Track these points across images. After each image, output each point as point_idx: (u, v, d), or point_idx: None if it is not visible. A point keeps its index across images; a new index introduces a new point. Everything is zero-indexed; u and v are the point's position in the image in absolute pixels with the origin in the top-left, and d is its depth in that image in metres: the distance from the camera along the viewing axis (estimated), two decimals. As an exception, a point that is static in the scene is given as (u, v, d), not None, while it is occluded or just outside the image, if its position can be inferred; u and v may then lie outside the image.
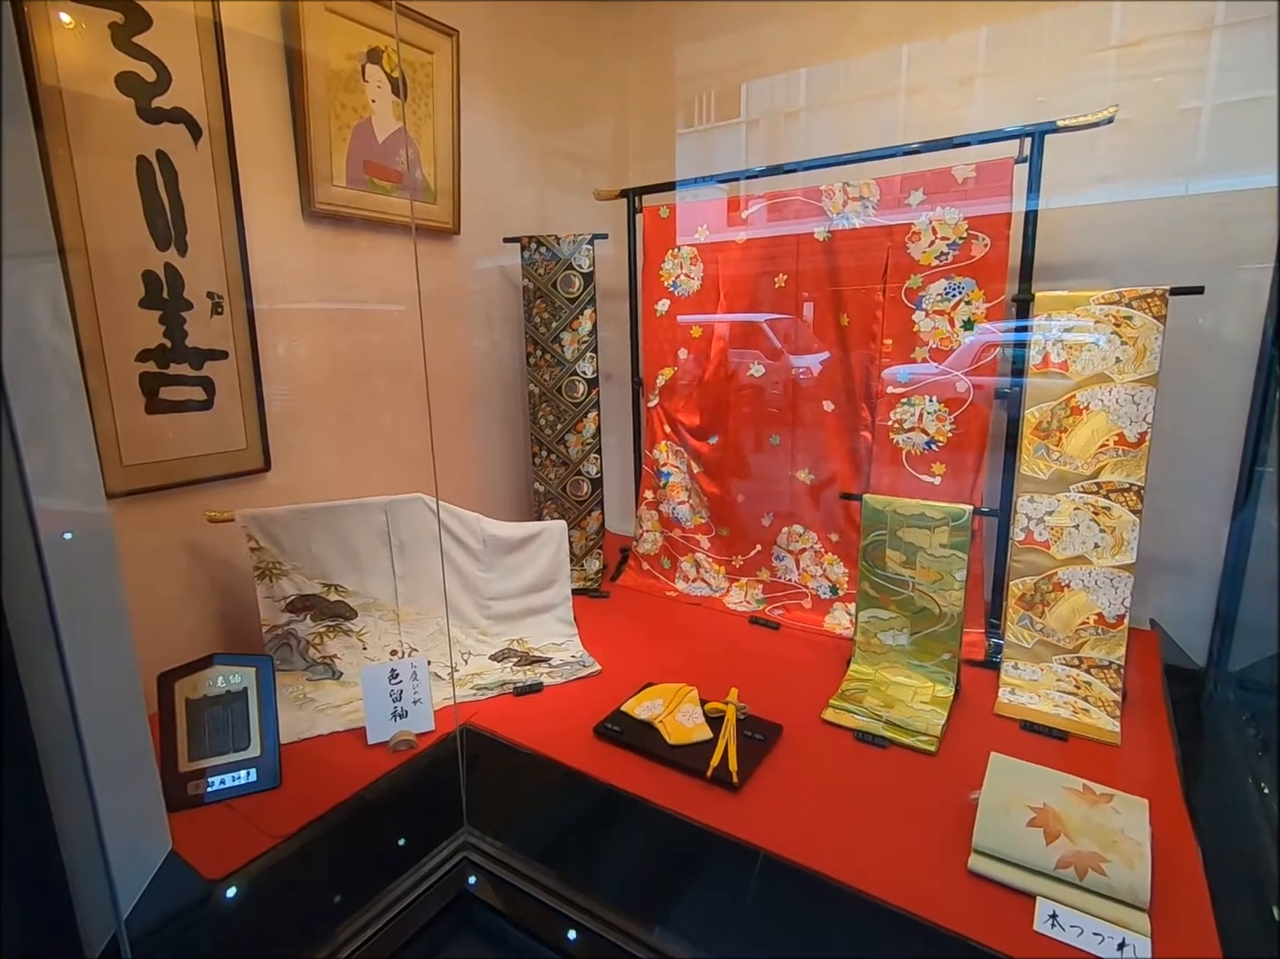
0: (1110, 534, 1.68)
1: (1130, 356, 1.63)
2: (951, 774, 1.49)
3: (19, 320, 1.01)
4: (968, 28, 2.16)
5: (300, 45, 1.86)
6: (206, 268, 1.74)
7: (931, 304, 1.97)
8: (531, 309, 2.53)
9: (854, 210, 2.06)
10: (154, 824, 1.29)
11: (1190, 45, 1.87)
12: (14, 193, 1.03)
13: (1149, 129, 1.93)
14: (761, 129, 2.63)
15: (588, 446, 2.55)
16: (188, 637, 1.81)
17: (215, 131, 1.72)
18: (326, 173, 1.99)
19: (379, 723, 1.62)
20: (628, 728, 1.63)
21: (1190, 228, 1.92)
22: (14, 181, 1.03)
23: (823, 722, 1.69)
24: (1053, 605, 1.77)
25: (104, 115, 1.54)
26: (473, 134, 2.43)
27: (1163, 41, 1.90)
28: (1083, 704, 1.68)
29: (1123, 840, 1.18)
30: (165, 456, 1.72)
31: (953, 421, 1.99)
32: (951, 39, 2.20)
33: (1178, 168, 1.94)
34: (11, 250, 1.03)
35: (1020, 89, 2.10)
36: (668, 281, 2.46)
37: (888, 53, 2.31)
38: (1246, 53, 1.82)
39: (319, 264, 2.05)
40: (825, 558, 2.29)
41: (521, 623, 2.13)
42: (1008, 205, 1.83)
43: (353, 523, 1.93)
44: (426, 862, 1.44)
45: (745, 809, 1.40)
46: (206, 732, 1.47)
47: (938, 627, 1.79)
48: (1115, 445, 1.66)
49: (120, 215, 1.58)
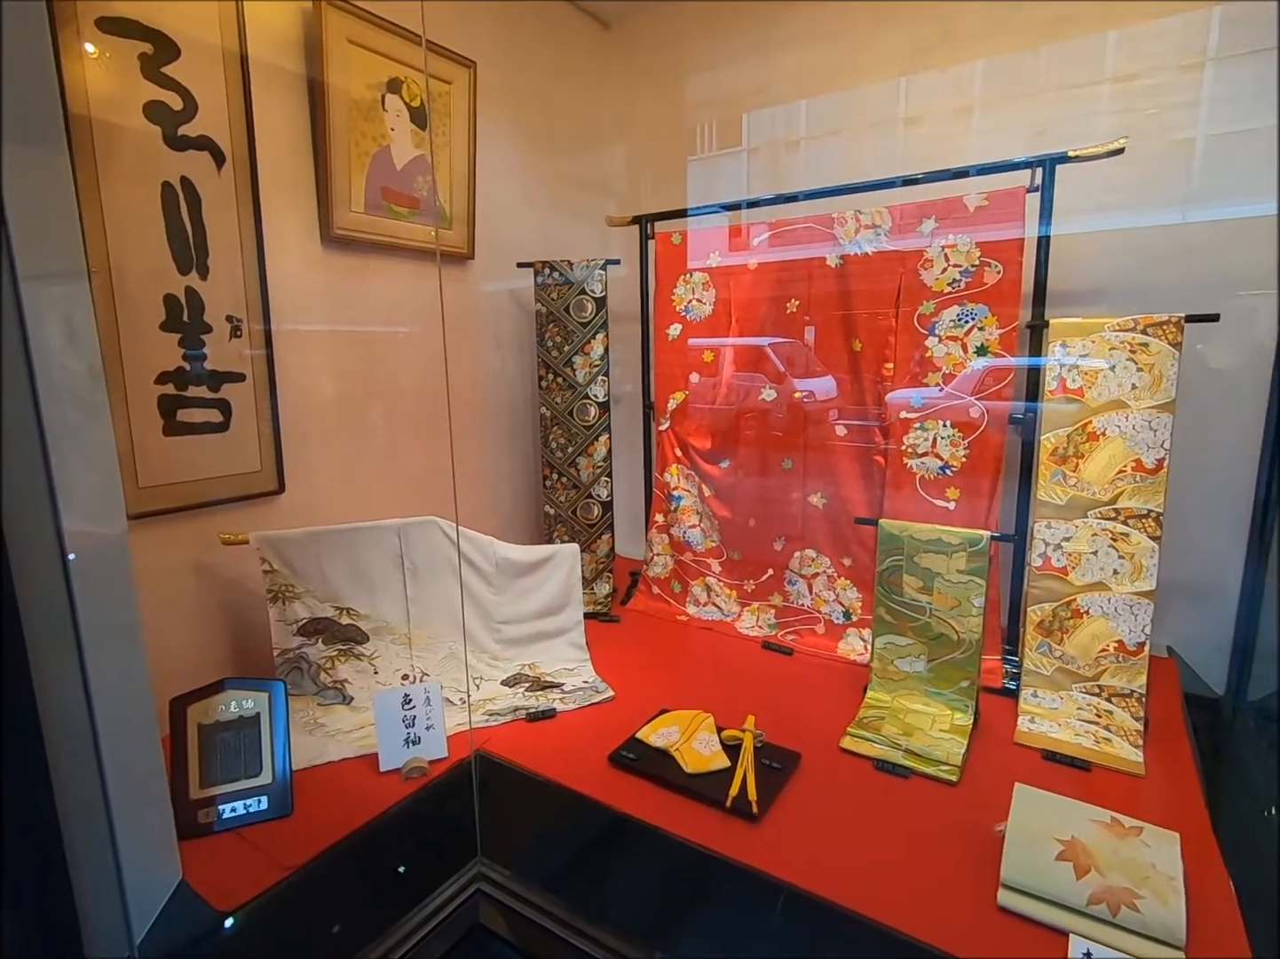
0: (1129, 560, 1.67)
1: (1146, 383, 1.63)
2: (974, 805, 1.46)
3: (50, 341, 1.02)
4: (966, 60, 2.21)
5: (323, 75, 1.90)
6: (226, 291, 1.76)
7: (944, 330, 1.98)
8: (544, 333, 2.55)
9: (866, 238, 2.09)
10: (165, 852, 1.27)
11: (1184, 79, 1.91)
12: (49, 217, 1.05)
13: (1146, 159, 1.96)
14: (763, 157, 2.68)
15: (599, 469, 2.55)
16: (199, 659, 1.80)
17: (238, 158, 1.75)
18: (345, 198, 2.02)
19: (391, 749, 1.60)
20: (644, 756, 1.61)
21: (1186, 255, 1.95)
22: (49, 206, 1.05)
23: (841, 750, 1.66)
24: (1072, 632, 1.75)
25: (131, 143, 1.56)
26: (487, 161, 2.47)
27: (1157, 75, 1.94)
28: (1104, 733, 1.66)
29: (1155, 876, 1.16)
30: (181, 478, 1.72)
31: (967, 446, 1.99)
32: (951, 71, 2.25)
33: (1174, 197, 1.97)
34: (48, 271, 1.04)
35: (1020, 120, 2.14)
36: (679, 306, 2.48)
37: (888, 84, 2.36)
38: (1238, 85, 1.86)
39: (336, 287, 2.07)
40: (838, 582, 2.27)
41: (533, 647, 2.12)
42: (1020, 233, 1.85)
43: (366, 546, 1.92)
44: (439, 894, 1.40)
45: (766, 840, 1.37)
46: (218, 758, 1.44)
47: (956, 653, 1.77)
48: (1133, 471, 1.66)
49: (144, 239, 1.60)
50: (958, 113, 2.25)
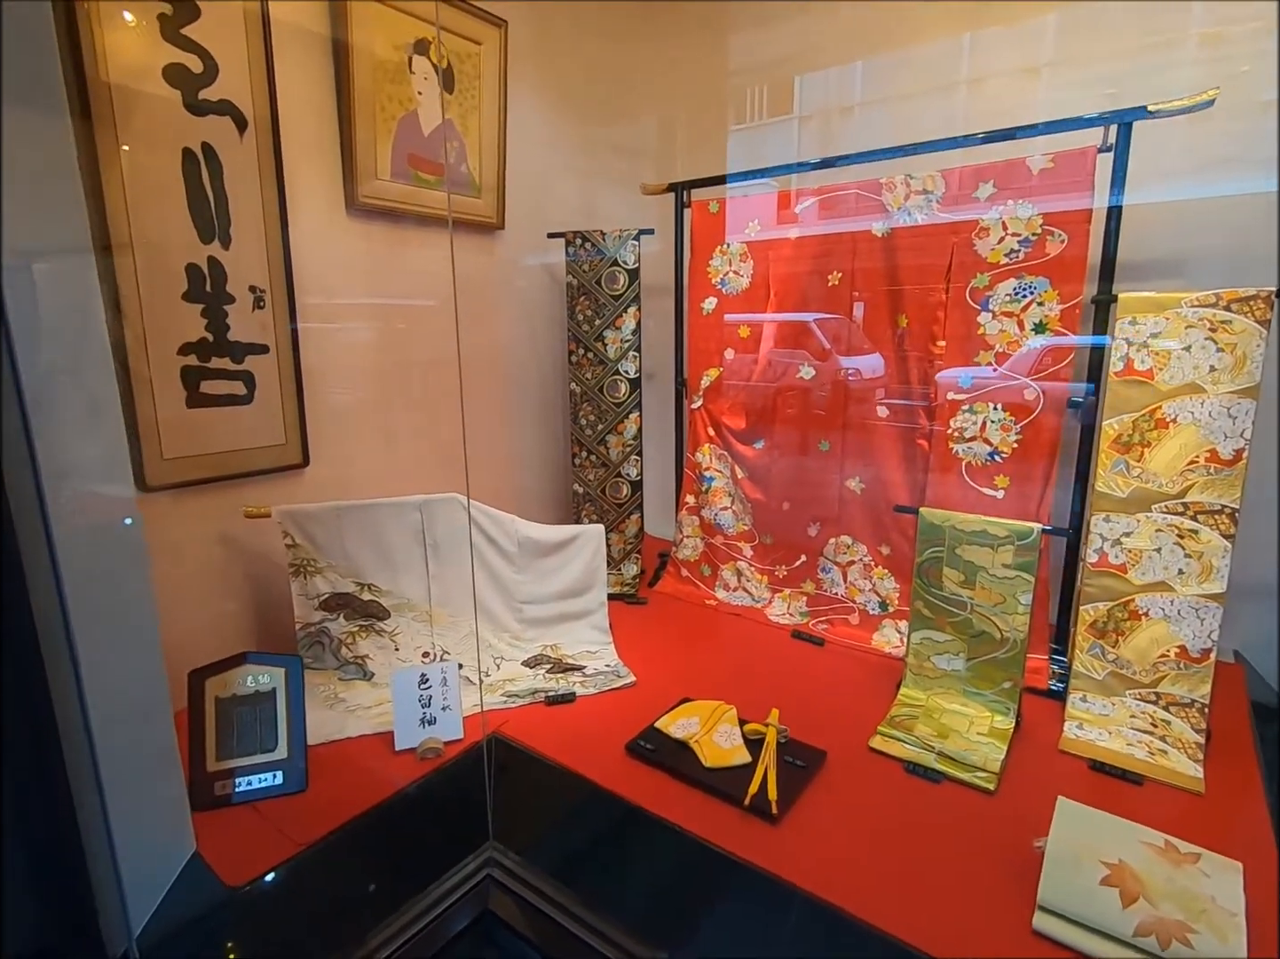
0: (1197, 560, 1.53)
1: (1227, 365, 1.47)
2: (1012, 816, 1.37)
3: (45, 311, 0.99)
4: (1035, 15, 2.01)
5: (347, 36, 1.84)
6: (249, 261, 1.73)
7: (999, 305, 1.83)
8: (575, 306, 2.47)
9: (916, 205, 1.94)
10: (178, 825, 1.27)
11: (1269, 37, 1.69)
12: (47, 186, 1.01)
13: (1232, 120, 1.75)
14: (815, 125, 2.52)
15: (629, 448, 2.49)
16: (223, 631, 1.81)
17: (261, 124, 1.71)
18: (371, 166, 1.96)
19: (407, 729, 1.58)
20: (662, 746, 1.56)
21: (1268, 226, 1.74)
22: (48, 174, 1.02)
23: (870, 750, 1.58)
24: (1128, 635, 1.62)
25: (151, 108, 1.53)
26: (518, 127, 2.38)
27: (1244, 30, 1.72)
28: (1160, 744, 1.54)
29: (1213, 909, 1.06)
30: (205, 450, 1.72)
31: (1019, 431, 1.85)
32: (1017, 26, 2.05)
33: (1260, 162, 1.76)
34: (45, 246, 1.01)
35: (1095, 80, 1.94)
36: (715, 279, 2.38)
37: (949, 43, 2.17)
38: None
39: (361, 258, 2.03)
40: (875, 571, 2.17)
41: (555, 628, 2.08)
42: (1089, 199, 1.68)
43: (388, 521, 1.90)
44: (450, 877, 1.39)
45: (784, 843, 1.31)
46: (235, 731, 1.45)
47: (998, 653, 1.66)
48: (1206, 463, 1.51)
49: (165, 208, 1.58)
50: (1026, 73, 2.06)
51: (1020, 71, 2.08)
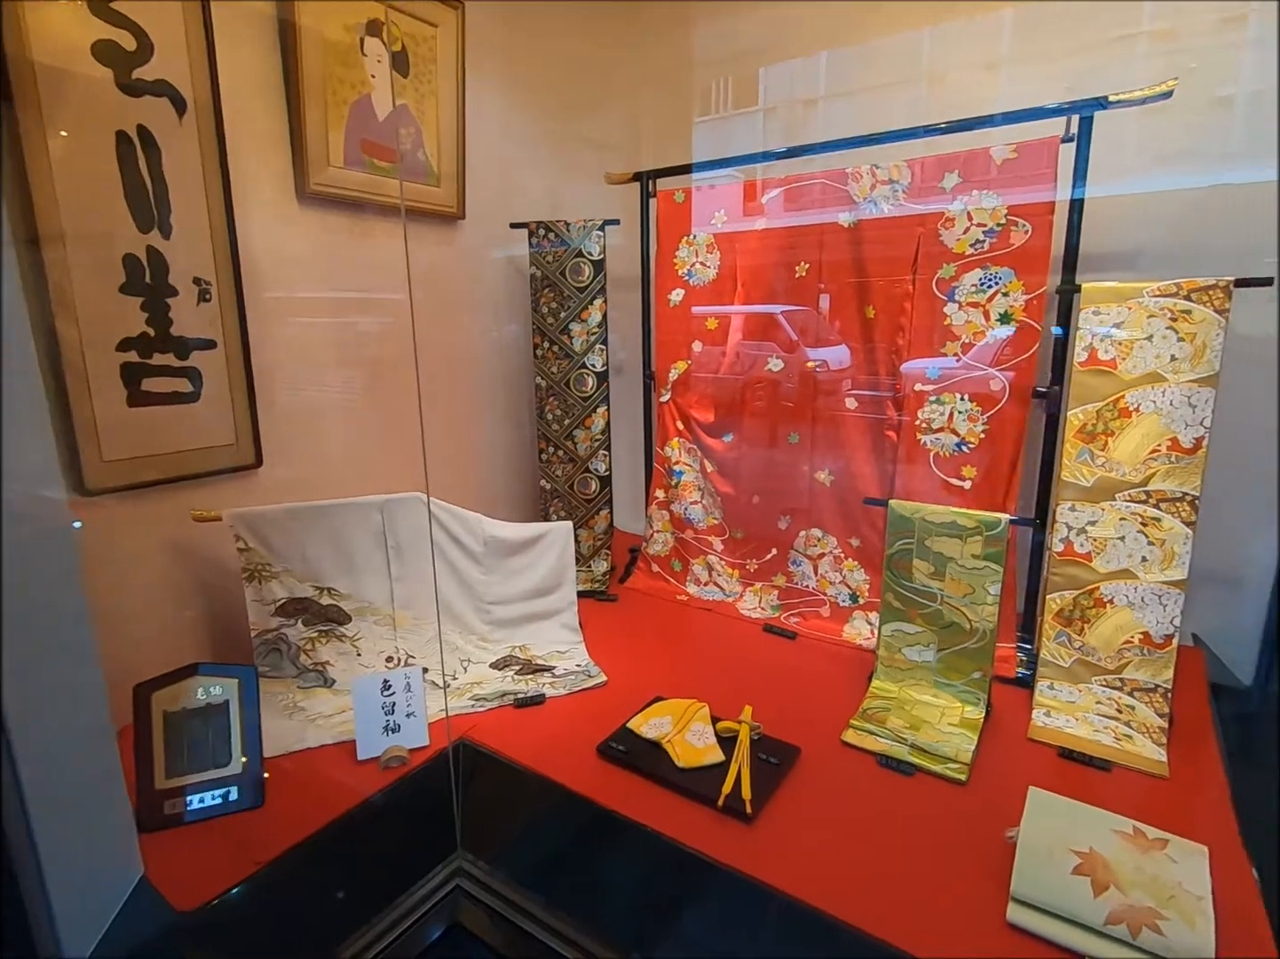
0: (1159, 547, 1.55)
1: (1187, 354, 1.49)
2: (984, 807, 1.37)
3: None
4: (993, 9, 2.02)
5: (294, 16, 1.75)
6: (193, 252, 1.64)
7: (965, 296, 1.83)
8: (539, 298, 2.42)
9: (882, 195, 1.93)
10: (123, 849, 1.20)
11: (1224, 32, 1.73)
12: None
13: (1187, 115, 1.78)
14: (780, 117, 2.50)
15: (597, 443, 2.44)
16: (175, 642, 1.73)
17: (202, 106, 1.61)
18: (323, 152, 1.88)
19: (370, 738, 1.53)
20: (634, 748, 1.53)
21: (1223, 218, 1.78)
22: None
23: (843, 744, 1.57)
24: (1093, 622, 1.64)
25: (81, 88, 1.43)
26: (479, 114, 2.31)
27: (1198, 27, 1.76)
28: (1125, 730, 1.56)
29: (1181, 895, 1.07)
30: (150, 451, 1.63)
31: (985, 422, 1.86)
32: (977, 19, 2.06)
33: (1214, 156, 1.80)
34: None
35: (1052, 76, 1.96)
36: (682, 270, 2.34)
37: (911, 36, 2.18)
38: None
39: (314, 249, 1.94)
40: (845, 563, 2.17)
41: (524, 629, 2.03)
42: (1052, 189, 1.69)
43: (347, 523, 1.83)
44: (416, 890, 1.35)
45: (759, 843, 1.29)
46: (185, 747, 1.38)
47: (968, 643, 1.67)
48: (1168, 451, 1.52)
49: (99, 195, 1.48)
50: (986, 68, 2.07)
51: (980, 66, 2.09)
